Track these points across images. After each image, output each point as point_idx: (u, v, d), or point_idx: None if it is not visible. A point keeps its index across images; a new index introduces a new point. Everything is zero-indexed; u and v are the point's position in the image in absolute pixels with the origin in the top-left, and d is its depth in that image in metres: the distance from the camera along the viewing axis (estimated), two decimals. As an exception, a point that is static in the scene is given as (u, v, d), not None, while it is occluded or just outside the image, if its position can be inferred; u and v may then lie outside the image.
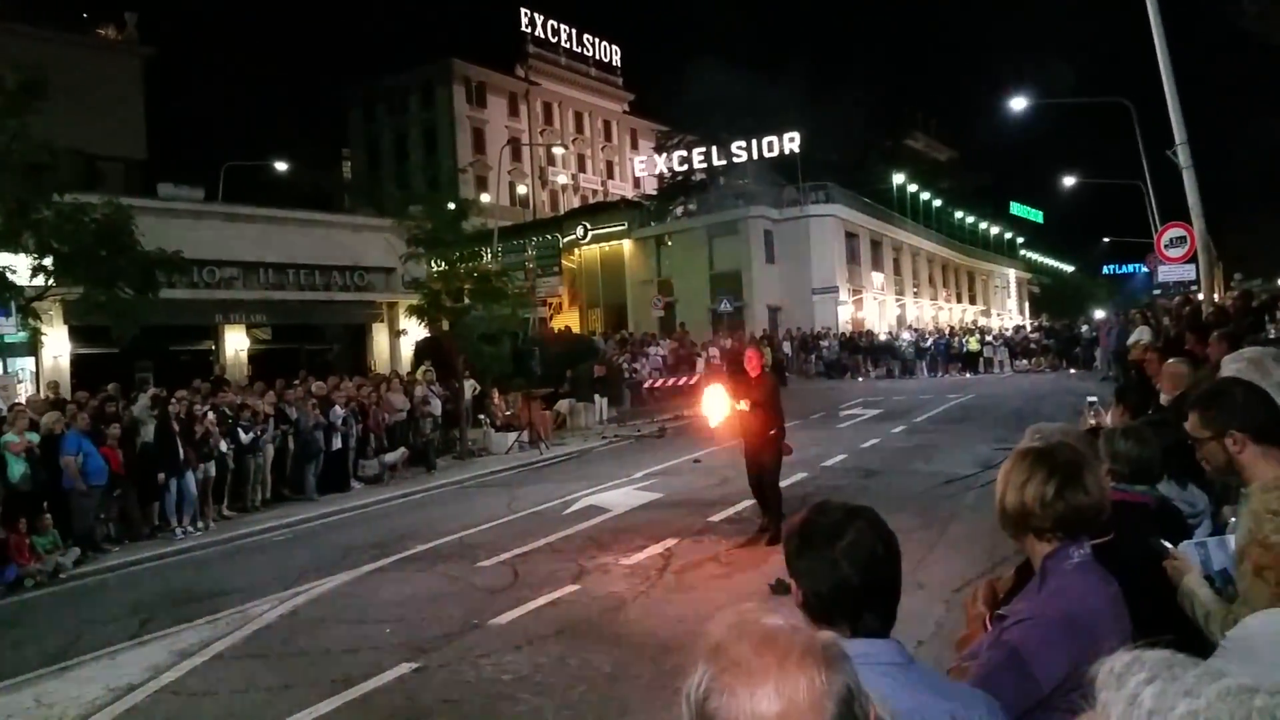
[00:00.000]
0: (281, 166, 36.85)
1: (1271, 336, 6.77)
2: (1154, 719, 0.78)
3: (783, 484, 13.30)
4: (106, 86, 38.86)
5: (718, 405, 10.73)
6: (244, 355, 27.75)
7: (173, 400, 14.61)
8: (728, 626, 1.16)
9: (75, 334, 23.00)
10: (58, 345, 22.61)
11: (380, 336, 31.16)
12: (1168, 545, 2.92)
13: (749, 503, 12.56)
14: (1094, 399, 10.13)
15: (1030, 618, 2.26)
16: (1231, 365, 3.58)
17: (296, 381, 18.16)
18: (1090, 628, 2.21)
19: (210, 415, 14.64)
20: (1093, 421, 7.46)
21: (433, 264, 22.06)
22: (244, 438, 15.17)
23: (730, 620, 1.18)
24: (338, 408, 16.97)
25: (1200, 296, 16.25)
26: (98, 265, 15.84)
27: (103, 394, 14.78)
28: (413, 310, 22.08)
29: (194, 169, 32.75)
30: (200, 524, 13.99)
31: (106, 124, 37.02)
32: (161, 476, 13.54)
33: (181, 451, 13.78)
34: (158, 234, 17.55)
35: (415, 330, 25.50)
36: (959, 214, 65.84)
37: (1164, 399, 5.88)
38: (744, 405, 10.61)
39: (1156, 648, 0.98)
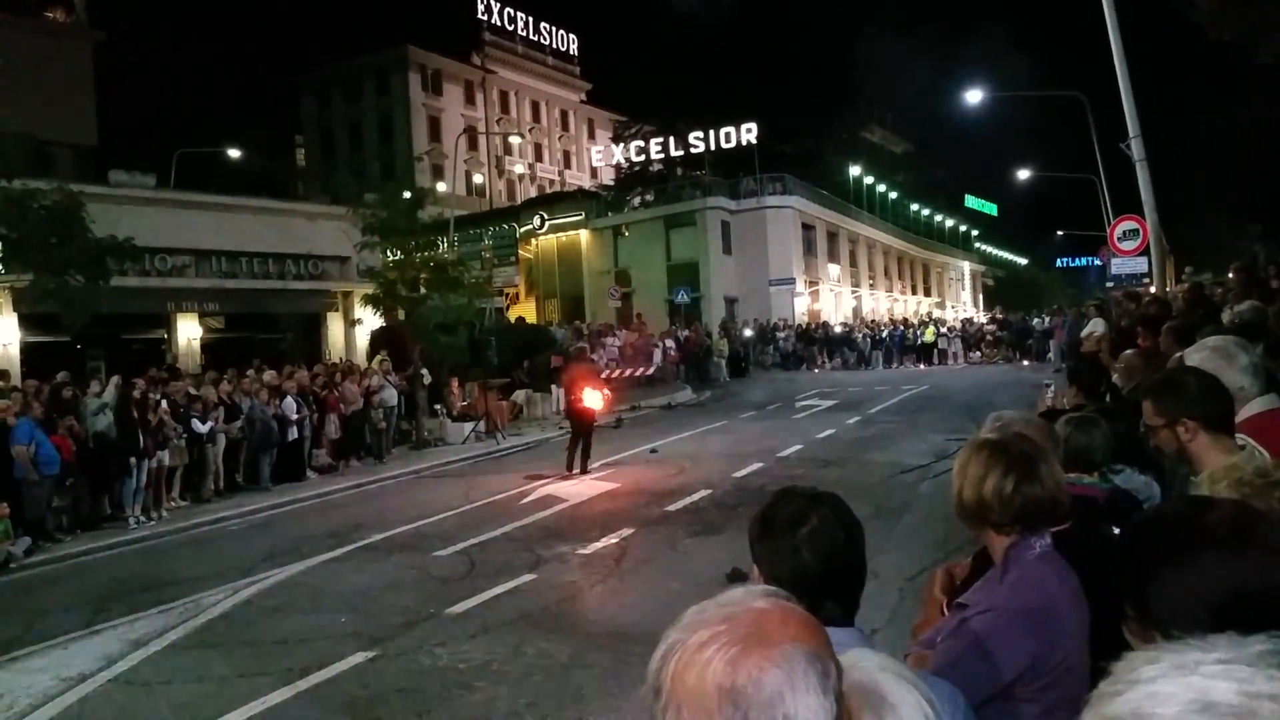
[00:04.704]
0: (234, 153, 36.37)
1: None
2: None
3: (739, 473, 14.06)
4: (56, 71, 38.16)
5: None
6: (197, 344, 27.42)
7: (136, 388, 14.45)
8: (730, 593, 1.14)
9: (25, 322, 22.59)
10: (7, 333, 22.21)
11: (335, 326, 30.91)
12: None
13: (705, 493, 12.77)
14: (1049, 383, 10.35)
15: (993, 608, 2.25)
16: (1196, 354, 3.53)
17: (250, 371, 17.99)
18: (1052, 619, 2.24)
19: (164, 404, 14.49)
20: (1049, 402, 7.61)
21: (388, 253, 21.95)
22: (201, 428, 15.02)
23: (736, 590, 1.15)
24: (290, 399, 16.84)
25: (1152, 289, 16.50)
26: (47, 252, 15.61)
27: (55, 382, 14.54)
28: (368, 299, 21.96)
29: (146, 155, 32.22)
30: (154, 514, 13.86)
31: (56, 109, 36.37)
32: (133, 461, 13.45)
33: (141, 440, 13.64)
34: (109, 221, 17.30)
35: (370, 319, 25.35)
36: (915, 206, 66.42)
37: (1123, 390, 5.94)
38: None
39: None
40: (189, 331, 27.40)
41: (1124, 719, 0.90)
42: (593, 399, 15.56)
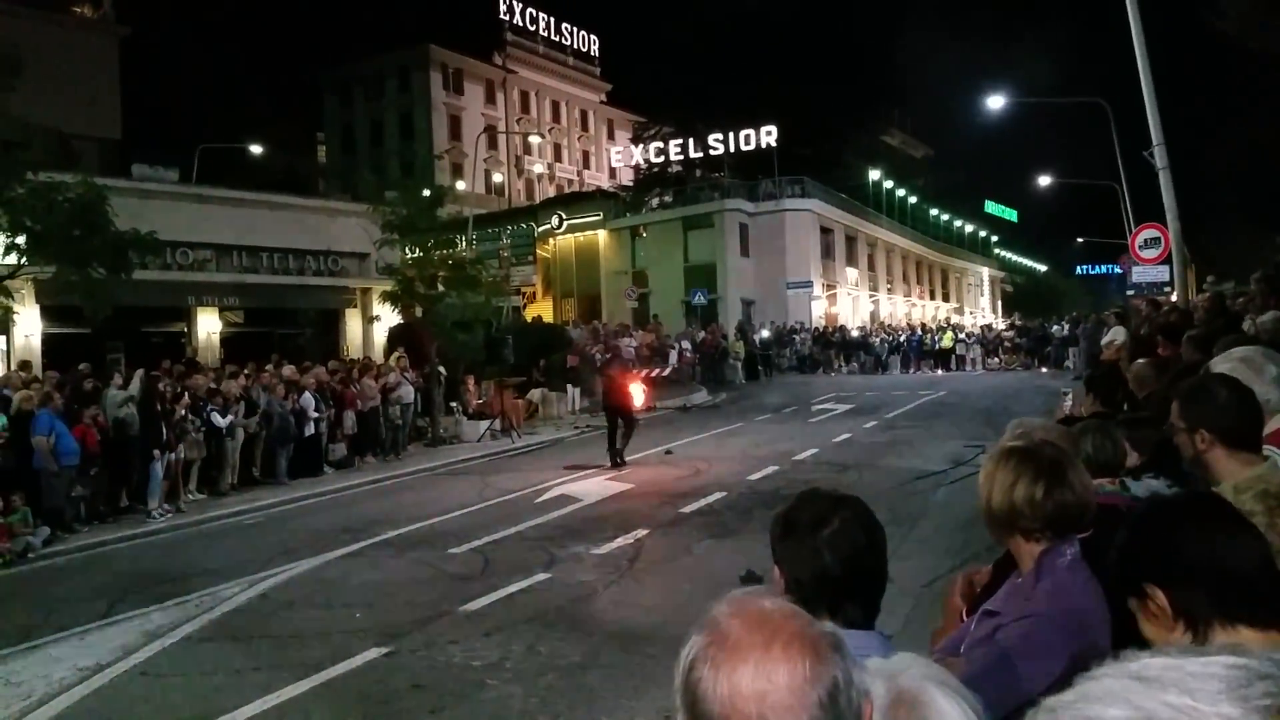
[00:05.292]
0: (256, 149, 36.52)
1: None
2: None
3: (754, 476, 14.08)
4: (82, 65, 38.40)
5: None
6: (216, 338, 27.56)
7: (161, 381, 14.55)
8: (728, 602, 1.17)
9: (47, 313, 22.76)
10: (29, 324, 22.38)
11: (353, 322, 30.97)
12: None
13: (720, 495, 12.76)
14: (1067, 390, 10.36)
15: (1030, 615, 2.24)
16: (1224, 364, 3.51)
17: (270, 366, 18.08)
18: (1086, 626, 2.22)
19: (185, 397, 14.58)
20: (1068, 410, 7.58)
21: (407, 250, 22.01)
22: (221, 421, 15.09)
23: (732, 597, 1.19)
24: (308, 394, 16.90)
25: (1174, 298, 16.35)
26: (71, 244, 15.68)
27: (78, 373, 14.63)
28: (386, 296, 22.02)
29: (169, 150, 32.38)
30: (169, 506, 13.92)
31: (81, 103, 36.61)
32: (157, 453, 13.56)
33: (164, 433, 13.75)
34: (131, 214, 17.38)
35: (389, 316, 25.43)
36: (934, 211, 66.08)
37: (1139, 398, 5.92)
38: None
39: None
40: (209, 325, 27.55)
41: (1045, 707, 0.96)
42: (637, 393, 16.69)
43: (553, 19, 72.11)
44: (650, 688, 6.22)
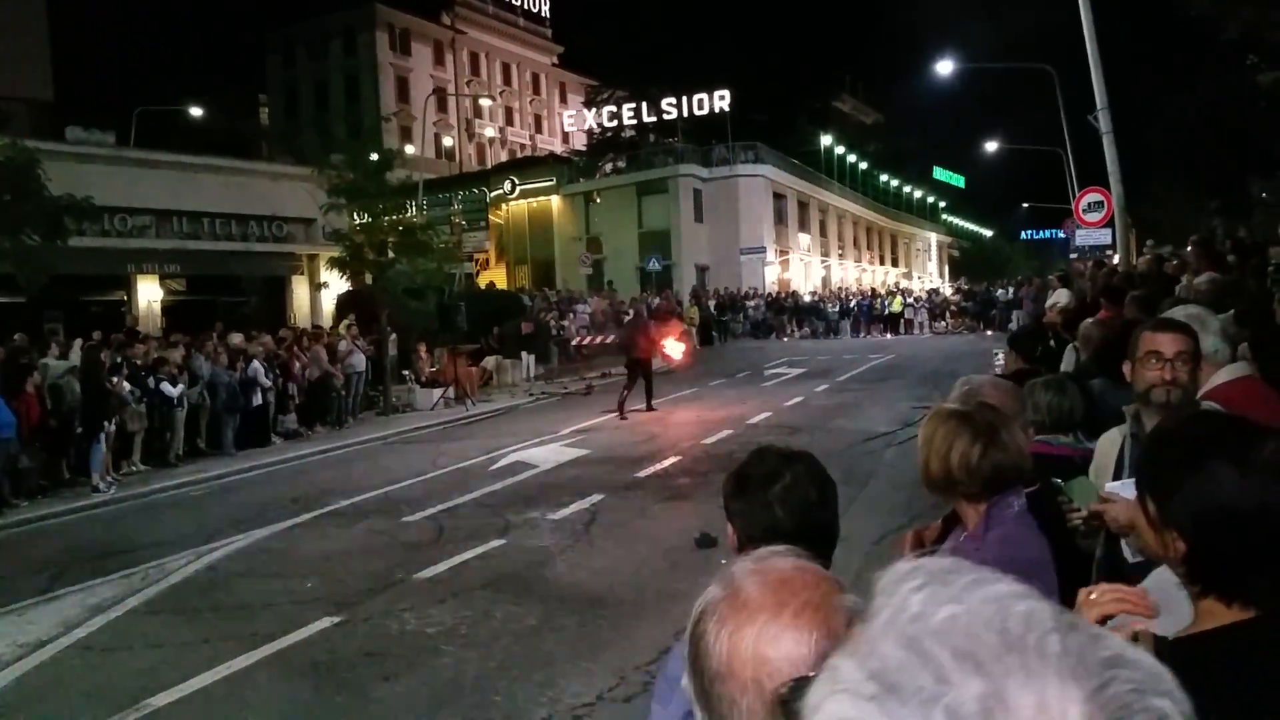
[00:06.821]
0: (196, 111, 35.56)
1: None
2: (916, 623, 0.71)
3: (708, 440, 14.18)
4: (9, 23, 37.03)
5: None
6: (157, 307, 26.95)
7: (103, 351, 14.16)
8: (753, 559, 1.13)
9: (-22, 283, 22.08)
10: (-42, 294, 21.69)
11: (300, 289, 30.48)
12: (1112, 490, 2.65)
13: (675, 459, 12.79)
14: (998, 351, 10.62)
15: (986, 562, 2.24)
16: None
17: (215, 335, 17.68)
18: (1035, 576, 2.21)
19: (124, 368, 14.21)
20: (998, 370, 7.78)
21: (355, 215, 21.62)
22: (172, 391, 14.71)
23: (759, 554, 1.15)
24: (256, 363, 16.55)
25: (1115, 260, 16.63)
26: (1, 210, 15.20)
27: (14, 345, 14.19)
28: (334, 263, 21.63)
29: (104, 112, 31.51)
30: (113, 478, 13.59)
31: (9, 63, 35.31)
32: (107, 424, 13.25)
33: (108, 404, 13.40)
34: (66, 179, 16.88)
35: (337, 283, 25.02)
36: (884, 177, 66.51)
37: (1083, 357, 6.05)
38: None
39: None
40: (149, 294, 26.93)
41: None
42: (675, 349, 18.34)
43: (502, -22, 70.90)
44: (606, 650, 6.23)
